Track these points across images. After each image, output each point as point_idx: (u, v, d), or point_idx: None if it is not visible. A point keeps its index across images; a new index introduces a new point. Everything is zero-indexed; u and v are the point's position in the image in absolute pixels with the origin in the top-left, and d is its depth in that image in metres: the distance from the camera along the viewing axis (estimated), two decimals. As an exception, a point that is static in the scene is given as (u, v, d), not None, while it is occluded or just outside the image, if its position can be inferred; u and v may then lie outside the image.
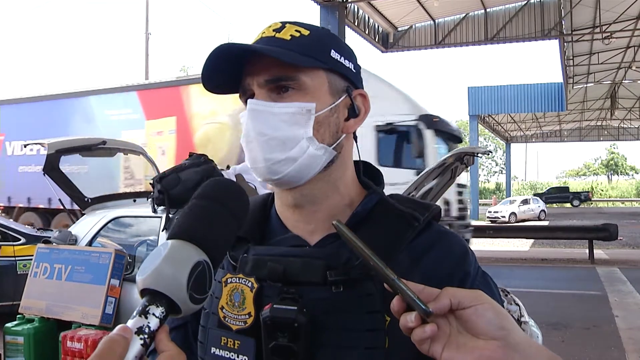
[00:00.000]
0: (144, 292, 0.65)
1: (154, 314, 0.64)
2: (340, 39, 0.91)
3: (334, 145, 0.86)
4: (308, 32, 0.85)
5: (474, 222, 24.10)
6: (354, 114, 0.88)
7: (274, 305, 0.79)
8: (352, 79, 0.88)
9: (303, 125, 0.82)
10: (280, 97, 0.83)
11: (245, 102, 0.85)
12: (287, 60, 0.80)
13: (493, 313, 0.63)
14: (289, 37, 0.84)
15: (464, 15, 17.17)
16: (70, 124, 12.49)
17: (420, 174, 5.00)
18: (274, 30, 0.85)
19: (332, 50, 0.86)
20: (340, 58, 0.87)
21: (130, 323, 0.63)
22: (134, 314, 0.64)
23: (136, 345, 0.62)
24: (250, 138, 0.83)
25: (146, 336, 0.62)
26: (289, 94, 0.83)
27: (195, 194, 0.75)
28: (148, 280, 0.64)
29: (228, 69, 0.84)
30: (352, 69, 0.89)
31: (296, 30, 0.85)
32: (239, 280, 0.84)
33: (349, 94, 0.88)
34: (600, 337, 6.42)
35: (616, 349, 5.92)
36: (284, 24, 0.86)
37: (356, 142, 0.92)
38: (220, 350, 0.84)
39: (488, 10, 16.85)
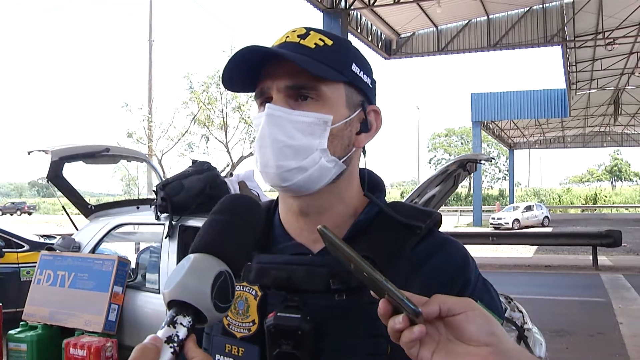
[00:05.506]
0: (171, 304, 0.68)
1: (181, 324, 0.67)
2: (361, 52, 0.91)
3: (344, 158, 0.86)
4: (331, 42, 0.86)
5: (477, 229, 23.96)
6: (366, 128, 0.89)
7: (278, 313, 0.80)
8: (367, 94, 0.89)
9: (318, 136, 0.83)
10: (298, 104, 0.83)
11: (261, 104, 0.86)
12: (313, 70, 0.80)
13: (484, 319, 0.63)
14: (313, 46, 0.84)
15: (466, 21, 17.19)
16: None
17: (423, 181, 4.99)
18: (298, 36, 0.85)
19: (353, 64, 0.86)
20: (359, 72, 0.87)
21: (160, 333, 0.66)
22: (163, 324, 0.67)
23: (167, 354, 0.65)
24: (264, 143, 0.83)
25: (175, 344, 0.66)
26: (307, 103, 0.83)
27: (212, 210, 0.77)
28: (174, 292, 0.68)
29: (249, 70, 0.85)
30: (369, 84, 0.90)
31: (320, 39, 0.85)
32: (243, 288, 0.85)
33: (363, 108, 0.88)
34: (604, 344, 6.38)
35: (620, 357, 5.89)
36: (308, 30, 0.86)
37: (364, 155, 0.92)
38: (224, 357, 0.84)
39: (491, 16, 16.87)
